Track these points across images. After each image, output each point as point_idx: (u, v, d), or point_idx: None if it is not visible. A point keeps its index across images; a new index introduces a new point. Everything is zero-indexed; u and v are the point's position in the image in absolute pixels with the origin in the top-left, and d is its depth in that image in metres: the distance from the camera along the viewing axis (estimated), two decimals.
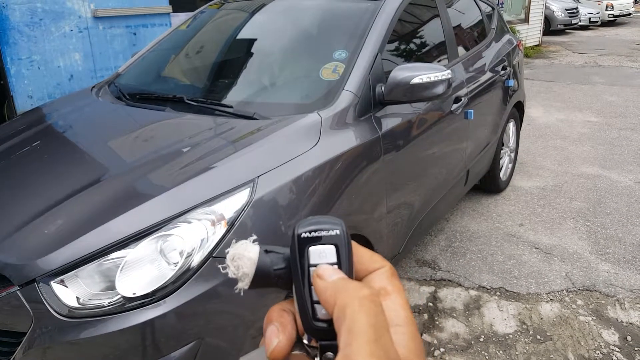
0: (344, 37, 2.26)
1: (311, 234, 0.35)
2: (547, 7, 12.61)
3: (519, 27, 10.70)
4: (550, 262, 2.91)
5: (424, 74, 1.97)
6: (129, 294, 1.32)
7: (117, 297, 1.33)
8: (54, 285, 1.34)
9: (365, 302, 0.31)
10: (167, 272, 1.36)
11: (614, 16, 16.96)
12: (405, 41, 2.56)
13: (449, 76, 2.04)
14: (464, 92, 2.77)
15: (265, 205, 1.53)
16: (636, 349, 2.23)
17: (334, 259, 0.35)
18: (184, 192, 1.48)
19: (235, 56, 2.62)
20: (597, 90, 7.40)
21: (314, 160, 1.71)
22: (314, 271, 0.34)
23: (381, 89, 2.04)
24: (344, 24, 2.35)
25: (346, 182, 1.81)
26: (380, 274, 0.36)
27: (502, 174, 3.82)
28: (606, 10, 16.63)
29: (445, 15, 2.88)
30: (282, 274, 0.36)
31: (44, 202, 1.54)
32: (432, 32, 2.81)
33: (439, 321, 2.43)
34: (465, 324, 2.41)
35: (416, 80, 1.96)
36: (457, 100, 2.68)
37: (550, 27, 14.09)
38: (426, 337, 2.32)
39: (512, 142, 3.96)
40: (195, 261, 1.38)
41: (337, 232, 0.35)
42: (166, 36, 2.84)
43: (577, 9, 14.88)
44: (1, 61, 4.15)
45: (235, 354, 1.46)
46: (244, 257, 0.35)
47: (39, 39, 4.30)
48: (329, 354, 0.33)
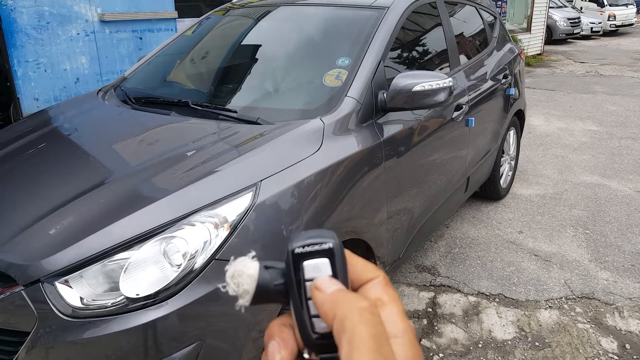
0: (347, 44, 2.29)
1: (304, 248, 0.35)
2: (549, 17, 12.66)
3: (521, 36, 10.75)
4: (549, 270, 2.92)
5: (425, 82, 2.00)
6: (132, 295, 1.34)
7: (120, 298, 1.35)
8: (59, 285, 1.35)
9: (364, 314, 0.31)
10: (170, 274, 1.37)
11: (616, 26, 17.01)
12: (407, 49, 2.59)
13: (451, 84, 2.06)
14: (465, 99, 2.80)
15: (267, 209, 1.55)
16: (635, 357, 2.24)
17: (329, 271, 0.35)
18: (188, 195, 1.50)
19: (239, 62, 2.65)
20: (598, 99, 7.43)
21: (316, 165, 1.73)
22: (312, 283, 0.34)
23: (383, 95, 2.06)
24: (347, 31, 2.38)
25: (347, 187, 1.83)
26: (375, 285, 0.36)
27: (502, 182, 3.84)
28: (608, 20, 16.69)
29: (447, 23, 2.91)
30: (282, 290, 0.36)
31: (49, 203, 1.56)
32: (435, 40, 2.84)
33: (438, 327, 2.44)
34: (464, 329, 2.42)
35: (418, 87, 1.99)
36: (459, 107, 2.70)
37: (552, 36, 14.16)
38: (425, 343, 2.33)
39: (512, 150, 3.98)
40: (198, 263, 1.40)
41: (330, 245, 0.35)
42: (172, 41, 2.87)
43: (579, 18, 14.94)
44: (8, 63, 4.19)
45: (236, 356, 1.48)
46: (244, 274, 0.35)
47: (46, 42, 4.35)
48: None
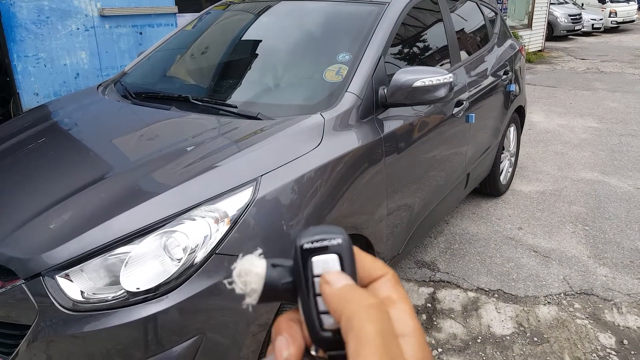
0: (348, 39, 2.29)
1: (313, 244, 0.34)
2: (550, 13, 12.63)
3: (522, 33, 10.73)
4: (548, 266, 2.93)
5: (426, 77, 2.00)
6: (133, 289, 1.35)
7: (121, 292, 1.35)
8: (59, 279, 1.36)
9: (372, 311, 0.31)
10: (170, 268, 1.38)
11: (617, 23, 16.97)
12: (408, 45, 2.59)
13: (451, 80, 2.06)
14: (465, 95, 2.80)
15: (267, 203, 1.56)
16: (632, 352, 2.25)
17: (338, 267, 0.34)
18: (188, 189, 1.51)
19: (240, 57, 2.64)
20: (598, 96, 7.42)
21: (317, 160, 1.73)
22: (321, 278, 0.34)
23: (384, 91, 2.06)
24: (348, 26, 2.38)
25: (348, 182, 1.84)
26: (384, 282, 0.35)
27: (502, 178, 3.84)
28: (609, 16, 16.65)
29: (448, 19, 2.91)
30: (290, 288, 0.35)
31: (49, 197, 1.56)
32: (435, 36, 2.84)
33: (437, 322, 2.45)
34: (463, 325, 2.43)
35: (418, 83, 1.98)
36: (459, 103, 2.70)
37: (553, 32, 14.13)
38: None
39: (512, 146, 3.98)
40: (198, 258, 1.40)
41: (340, 241, 0.35)
42: (172, 36, 2.87)
43: (580, 15, 14.91)
44: (8, 58, 4.19)
45: (236, 349, 1.49)
46: (252, 273, 0.35)
47: (46, 37, 4.34)
48: None
